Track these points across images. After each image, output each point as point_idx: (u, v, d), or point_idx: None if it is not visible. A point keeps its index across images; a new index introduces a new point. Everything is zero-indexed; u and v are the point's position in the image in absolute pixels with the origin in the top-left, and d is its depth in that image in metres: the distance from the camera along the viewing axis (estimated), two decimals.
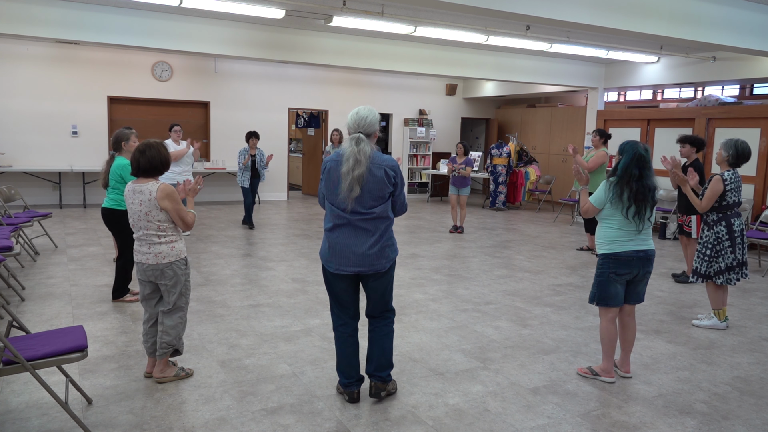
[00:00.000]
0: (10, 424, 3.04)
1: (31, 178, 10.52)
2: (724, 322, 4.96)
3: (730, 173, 4.79)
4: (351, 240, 3.16)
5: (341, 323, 3.36)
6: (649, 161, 3.66)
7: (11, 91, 10.20)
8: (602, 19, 6.15)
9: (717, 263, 4.87)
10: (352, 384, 3.38)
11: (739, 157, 4.76)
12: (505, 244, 8.48)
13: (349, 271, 3.19)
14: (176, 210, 3.46)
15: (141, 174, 3.48)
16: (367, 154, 3.10)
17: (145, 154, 3.44)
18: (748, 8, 6.96)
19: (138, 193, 3.43)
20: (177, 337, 3.57)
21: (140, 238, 3.50)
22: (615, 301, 3.73)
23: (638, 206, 3.61)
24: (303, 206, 11.89)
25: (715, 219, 4.87)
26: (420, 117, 13.95)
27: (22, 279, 5.72)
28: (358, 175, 3.05)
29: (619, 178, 3.64)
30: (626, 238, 3.67)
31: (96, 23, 8.02)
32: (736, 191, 4.79)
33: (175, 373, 3.62)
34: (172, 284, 3.50)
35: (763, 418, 3.38)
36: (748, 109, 8.94)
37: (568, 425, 3.22)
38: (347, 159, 3.08)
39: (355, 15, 7.63)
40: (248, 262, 6.84)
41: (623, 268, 3.68)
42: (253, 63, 11.96)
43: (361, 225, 3.15)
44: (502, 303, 5.52)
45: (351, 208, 3.11)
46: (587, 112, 12.22)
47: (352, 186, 3.05)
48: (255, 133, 9.04)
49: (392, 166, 3.19)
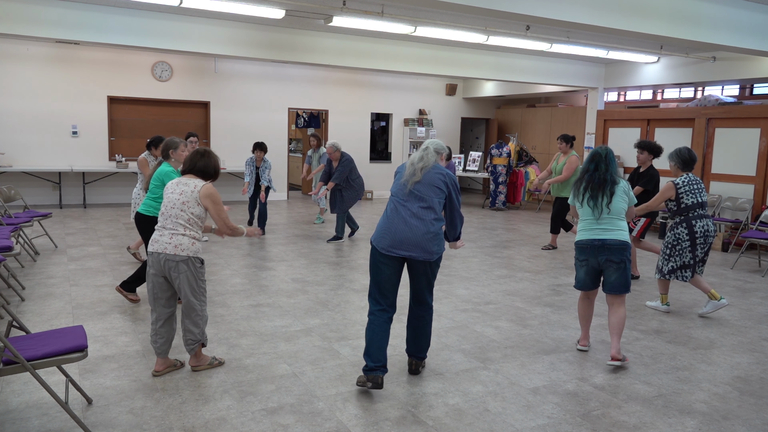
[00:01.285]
0: (10, 424, 3.04)
1: (31, 178, 10.52)
2: (723, 300, 5.23)
3: (683, 178, 5.14)
4: (407, 225, 3.49)
5: (379, 308, 3.55)
6: (606, 157, 4.04)
7: (11, 91, 10.21)
8: (602, 19, 6.15)
9: (673, 261, 5.19)
10: (379, 369, 3.46)
11: (685, 162, 5.15)
12: (505, 244, 8.48)
13: (401, 254, 3.49)
14: (218, 211, 3.61)
15: (193, 173, 3.66)
16: (431, 159, 3.62)
17: (204, 158, 3.67)
18: (748, 8, 6.96)
19: (182, 184, 3.58)
20: (200, 332, 3.68)
21: (165, 227, 3.53)
22: (581, 284, 4.18)
23: (592, 192, 3.99)
24: (303, 206, 11.90)
25: (677, 221, 5.19)
26: (420, 117, 13.96)
27: (22, 279, 5.72)
28: (421, 166, 3.58)
29: (580, 174, 4.15)
30: (586, 228, 4.07)
31: (96, 23, 8.02)
32: (692, 193, 5.08)
33: (209, 362, 3.77)
34: (185, 279, 3.52)
35: (763, 418, 3.38)
36: (748, 109, 8.94)
37: (568, 425, 3.22)
38: (415, 155, 3.65)
39: (355, 15, 7.63)
40: (248, 262, 6.84)
41: (582, 255, 4.10)
42: (253, 63, 11.96)
43: (417, 213, 3.50)
44: (502, 303, 5.52)
45: (410, 188, 3.53)
46: (587, 112, 12.22)
47: (415, 172, 3.56)
48: (261, 144, 8.48)
49: (448, 173, 3.64)
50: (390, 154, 14.02)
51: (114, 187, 11.21)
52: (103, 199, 11.18)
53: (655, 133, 10.34)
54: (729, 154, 9.19)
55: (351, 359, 4.03)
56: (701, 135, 9.44)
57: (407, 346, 3.79)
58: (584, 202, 4.03)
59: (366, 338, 3.54)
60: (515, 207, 12.94)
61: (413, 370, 3.79)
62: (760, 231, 7.74)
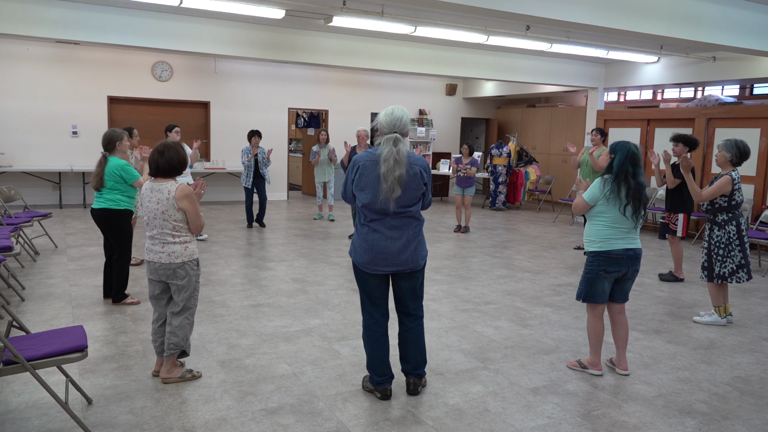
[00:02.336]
0: (10, 424, 3.04)
1: (31, 178, 10.52)
2: (724, 318, 5.00)
3: (737, 173, 4.85)
4: (388, 240, 3.20)
5: (373, 322, 3.38)
6: (641, 159, 3.71)
7: (11, 91, 10.21)
8: (602, 19, 6.15)
9: (728, 263, 4.89)
10: (386, 381, 3.41)
11: (742, 156, 4.82)
12: (505, 244, 8.48)
13: (387, 271, 3.24)
14: (195, 210, 3.49)
15: (160, 174, 3.50)
16: (405, 155, 3.13)
17: (164, 154, 3.46)
18: (748, 8, 6.96)
19: (156, 191, 3.45)
20: (184, 338, 3.57)
21: (154, 237, 3.49)
22: (602, 297, 3.80)
23: (635, 204, 3.64)
24: (303, 206, 11.89)
25: (725, 219, 4.89)
26: (420, 117, 13.96)
27: (22, 279, 5.72)
28: (398, 176, 3.08)
29: (615, 175, 3.66)
30: (617, 236, 3.71)
31: (96, 23, 8.02)
32: (740, 191, 4.85)
33: (181, 375, 3.60)
34: (183, 284, 3.50)
35: (763, 418, 3.38)
36: (748, 109, 8.94)
37: (568, 425, 3.22)
38: (386, 160, 3.09)
39: (355, 15, 7.63)
40: (248, 262, 6.84)
41: (613, 266, 3.72)
42: (253, 63, 11.95)
43: (397, 224, 3.21)
44: (502, 303, 5.51)
45: (393, 209, 3.15)
46: (587, 112, 12.22)
47: (393, 187, 3.09)
48: (257, 132, 8.99)
49: (425, 166, 3.25)
50: None
51: None
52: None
53: (655, 133, 10.34)
54: None
55: (351, 359, 4.03)
56: (701, 135, 9.44)
57: (402, 364, 3.50)
58: (625, 209, 3.65)
59: (366, 353, 3.43)
60: (515, 207, 12.94)
61: (412, 391, 3.47)
62: (760, 231, 7.74)
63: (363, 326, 3.43)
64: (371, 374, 3.44)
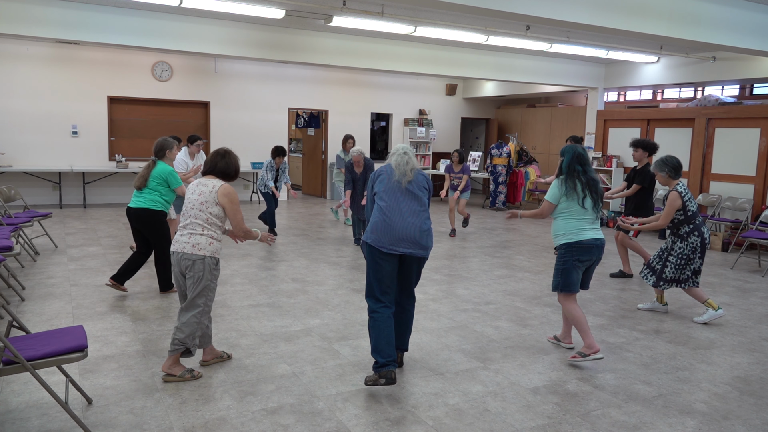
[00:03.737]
0: (10, 424, 3.04)
1: (31, 178, 10.52)
2: (720, 310, 5.08)
3: (682, 185, 5.05)
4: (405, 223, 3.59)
5: (380, 306, 3.60)
6: (588, 159, 4.11)
7: (11, 91, 10.21)
8: (602, 19, 6.15)
9: (686, 271, 5.09)
10: (391, 364, 3.48)
11: (674, 168, 5.06)
12: (505, 244, 8.48)
13: (402, 251, 3.57)
14: (234, 211, 3.63)
15: (214, 174, 3.68)
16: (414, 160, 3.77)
17: (225, 158, 3.69)
18: (748, 8, 6.96)
19: (202, 185, 3.62)
20: (191, 335, 3.58)
21: (185, 227, 3.59)
22: (576, 287, 4.11)
23: (592, 196, 4.02)
24: (303, 206, 11.89)
25: (687, 230, 5.05)
26: (420, 117, 13.96)
27: (22, 279, 5.72)
28: (411, 167, 3.72)
29: (567, 174, 4.07)
30: (585, 227, 4.05)
31: (96, 23, 8.02)
32: (692, 200, 5.03)
33: (181, 374, 3.60)
34: (197, 278, 3.53)
35: (763, 418, 3.38)
36: (748, 109, 8.94)
37: (568, 425, 3.22)
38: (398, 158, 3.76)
39: (355, 15, 7.63)
40: (248, 262, 6.84)
41: (585, 255, 4.04)
42: (253, 63, 11.96)
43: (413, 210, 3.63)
44: (502, 303, 5.51)
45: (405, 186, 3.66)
46: (587, 112, 12.22)
47: (406, 172, 3.69)
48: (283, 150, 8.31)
49: (428, 177, 3.83)
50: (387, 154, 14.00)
51: (114, 187, 11.21)
52: (103, 199, 11.18)
53: (655, 133, 10.33)
54: (729, 154, 9.19)
55: (351, 359, 4.03)
56: (701, 135, 9.45)
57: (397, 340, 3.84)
58: (584, 202, 4.03)
59: (372, 336, 3.55)
60: (515, 207, 12.94)
61: (399, 362, 3.86)
62: (760, 231, 7.74)
63: (369, 312, 3.62)
64: (377, 358, 3.49)
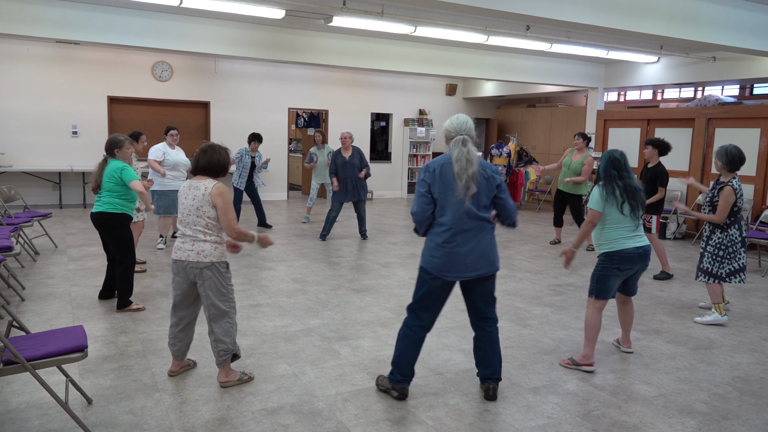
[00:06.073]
0: (10, 424, 3.04)
1: (31, 178, 10.52)
2: (725, 316, 5.06)
3: (737, 180, 4.94)
4: (473, 245, 3.22)
5: (419, 324, 3.38)
6: (625, 164, 3.89)
7: (11, 91, 10.21)
8: (602, 19, 6.15)
9: (731, 264, 5.01)
10: (406, 381, 3.44)
11: (732, 162, 4.90)
12: (505, 244, 8.48)
13: (470, 276, 3.25)
14: (225, 211, 3.41)
15: (199, 172, 3.52)
16: (475, 154, 3.20)
17: (207, 153, 3.49)
18: (748, 8, 6.96)
19: (193, 188, 3.45)
20: (232, 342, 3.52)
21: (185, 235, 3.46)
22: (611, 294, 3.98)
23: (630, 203, 3.85)
24: (303, 206, 11.89)
25: (728, 222, 4.99)
26: (420, 117, 13.96)
27: (22, 279, 5.72)
28: (472, 174, 3.14)
29: (604, 179, 3.92)
30: (626, 236, 3.90)
31: (96, 23, 8.02)
32: (742, 197, 4.95)
33: (239, 378, 3.59)
34: (209, 285, 3.44)
35: (763, 418, 3.38)
36: (748, 109, 8.94)
37: (568, 425, 3.22)
38: (458, 159, 3.16)
39: (355, 15, 7.63)
40: (248, 262, 6.84)
41: (626, 264, 3.90)
42: (253, 63, 11.95)
43: (478, 227, 3.23)
44: (502, 303, 5.51)
45: (468, 206, 3.17)
46: (587, 112, 12.22)
47: (469, 184, 3.13)
48: (259, 136, 8.92)
49: (496, 170, 3.30)
50: (390, 155, 14.02)
51: None
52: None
53: (655, 133, 10.33)
54: None
55: (351, 359, 4.03)
56: (701, 135, 9.44)
57: (480, 369, 3.51)
58: (622, 209, 3.84)
59: (397, 350, 3.41)
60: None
61: (491, 396, 3.47)
62: (760, 231, 7.74)
63: (404, 324, 3.43)
64: (394, 371, 3.43)
